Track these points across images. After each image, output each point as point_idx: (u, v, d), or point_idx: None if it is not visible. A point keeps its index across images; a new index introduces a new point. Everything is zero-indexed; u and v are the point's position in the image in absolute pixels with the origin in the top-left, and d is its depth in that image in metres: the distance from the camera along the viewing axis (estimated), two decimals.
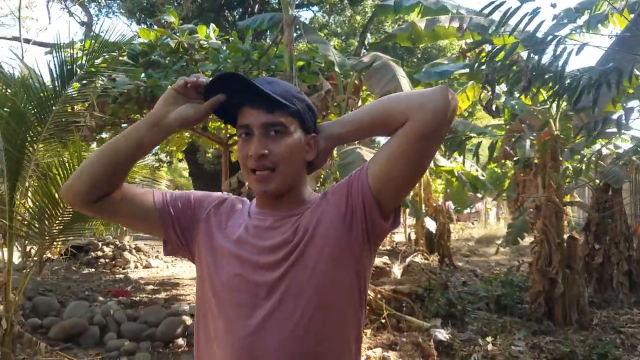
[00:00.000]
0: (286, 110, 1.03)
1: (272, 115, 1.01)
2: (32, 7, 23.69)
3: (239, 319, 1.01)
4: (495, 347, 4.26)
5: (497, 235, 14.04)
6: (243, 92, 1.02)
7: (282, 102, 1.01)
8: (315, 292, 1.00)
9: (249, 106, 1.03)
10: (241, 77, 1.03)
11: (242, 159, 1.04)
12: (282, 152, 1.02)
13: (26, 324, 4.81)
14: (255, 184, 1.03)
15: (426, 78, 5.98)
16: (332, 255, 1.01)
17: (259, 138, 1.01)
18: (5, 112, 3.93)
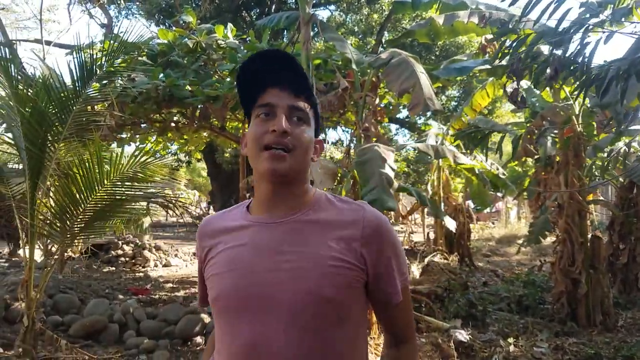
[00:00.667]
0: (309, 100, 1.03)
1: (298, 99, 1.01)
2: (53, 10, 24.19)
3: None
4: (517, 349, 4.18)
5: (518, 234, 13.83)
6: (275, 72, 1.00)
7: (312, 92, 1.02)
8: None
9: (275, 87, 1.01)
10: (279, 52, 1.03)
11: (257, 137, 0.99)
12: (301, 138, 1.00)
13: (47, 321, 4.88)
14: (268, 161, 0.97)
15: (445, 74, 5.91)
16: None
17: (285, 118, 0.99)
18: (26, 112, 3.97)
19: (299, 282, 0.95)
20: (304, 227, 1.00)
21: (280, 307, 0.94)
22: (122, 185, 4.39)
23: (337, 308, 0.96)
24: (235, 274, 0.99)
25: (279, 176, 0.99)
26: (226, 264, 1.01)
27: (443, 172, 10.53)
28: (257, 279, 0.96)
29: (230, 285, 0.99)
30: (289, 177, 1.01)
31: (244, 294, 0.97)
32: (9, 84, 3.94)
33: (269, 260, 0.97)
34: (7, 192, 4.19)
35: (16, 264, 8.87)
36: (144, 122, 7.32)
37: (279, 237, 0.99)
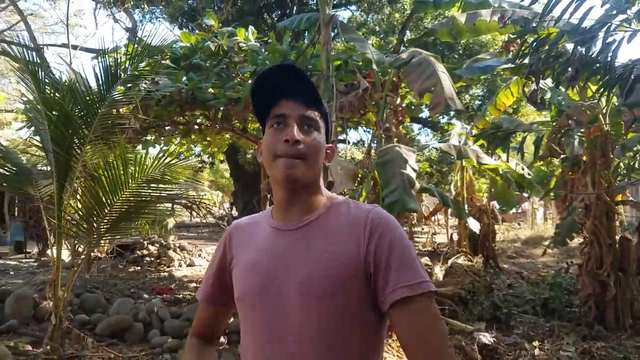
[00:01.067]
0: (319, 110, 1.08)
1: (310, 109, 1.06)
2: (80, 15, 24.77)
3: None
4: (542, 352, 4.09)
5: (545, 236, 13.57)
6: (286, 85, 1.05)
7: (321, 102, 1.06)
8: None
9: (287, 99, 1.06)
10: (291, 67, 1.07)
11: (272, 146, 1.04)
12: (314, 145, 1.04)
13: (75, 319, 5.00)
14: (282, 169, 1.02)
15: (468, 74, 5.84)
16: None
17: (297, 127, 1.03)
18: (53, 116, 4.06)
19: (302, 286, 0.99)
20: (314, 233, 1.04)
21: (291, 309, 1.00)
22: (148, 186, 4.46)
23: (341, 307, 0.98)
24: (255, 277, 1.06)
25: (292, 182, 1.03)
26: (249, 267, 1.08)
27: (467, 173, 10.41)
28: (271, 283, 1.03)
29: (250, 288, 1.06)
30: (303, 183, 1.05)
31: (261, 296, 1.03)
32: (36, 88, 4.03)
33: (282, 266, 1.03)
34: (35, 193, 4.30)
35: (45, 263, 9.11)
36: (168, 124, 7.43)
37: (291, 243, 1.04)
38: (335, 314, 0.97)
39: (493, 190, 10.63)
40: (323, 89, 5.12)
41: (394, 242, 0.99)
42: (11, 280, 7.58)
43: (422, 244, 13.69)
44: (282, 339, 0.99)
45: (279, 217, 1.10)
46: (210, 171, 21.94)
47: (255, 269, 1.06)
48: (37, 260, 10.26)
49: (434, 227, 18.86)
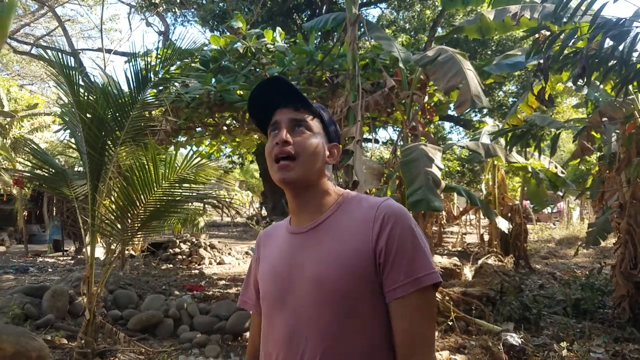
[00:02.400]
0: (310, 111, 1.13)
1: (298, 112, 1.12)
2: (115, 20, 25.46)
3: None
4: (571, 353, 3.99)
5: (580, 236, 13.18)
6: (277, 95, 1.12)
7: (307, 102, 1.12)
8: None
9: (280, 107, 1.13)
10: (281, 78, 1.12)
11: (268, 152, 1.12)
12: (305, 144, 1.09)
13: (108, 315, 5.17)
14: (277, 172, 1.09)
15: (497, 70, 5.75)
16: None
17: (286, 130, 1.10)
18: (87, 118, 4.21)
19: (314, 284, 1.04)
20: (326, 233, 1.08)
21: (301, 306, 1.05)
22: (179, 186, 4.59)
23: (353, 303, 1.01)
24: (273, 280, 1.13)
25: (289, 183, 1.09)
26: (269, 270, 1.16)
27: (499, 172, 10.22)
28: (288, 285, 1.08)
29: (269, 289, 1.13)
30: (300, 183, 1.10)
31: (279, 297, 1.10)
32: (71, 91, 4.19)
33: (297, 267, 1.08)
34: (70, 194, 4.47)
35: (81, 261, 9.44)
36: (198, 126, 7.59)
37: (304, 244, 1.10)
38: (348, 310, 1.00)
39: (526, 189, 10.40)
40: (349, 88, 5.14)
41: (401, 235, 1.01)
42: (49, 277, 7.90)
43: (452, 244, 13.50)
44: (297, 335, 1.04)
45: (294, 221, 1.16)
46: (240, 171, 22.22)
47: (274, 272, 1.13)
48: (73, 258, 10.63)
49: (465, 227, 18.58)
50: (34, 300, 5.28)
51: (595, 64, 3.04)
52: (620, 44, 2.87)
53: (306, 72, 6.00)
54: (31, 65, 18.92)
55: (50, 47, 8.42)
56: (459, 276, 7.29)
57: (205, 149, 8.74)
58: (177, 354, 4.47)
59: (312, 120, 1.13)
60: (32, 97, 16.91)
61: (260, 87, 1.13)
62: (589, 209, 17.72)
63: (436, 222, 13.62)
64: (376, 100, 5.27)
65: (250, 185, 28.43)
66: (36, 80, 20.29)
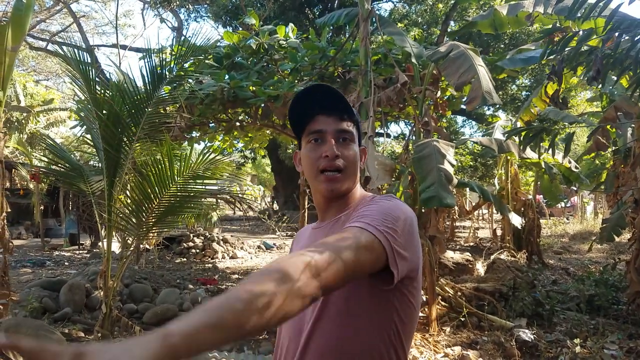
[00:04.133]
0: (352, 120, 1.14)
1: (344, 123, 1.13)
2: (129, 15, 25.63)
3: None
4: (585, 350, 3.99)
5: (594, 231, 13.07)
6: (319, 102, 1.12)
7: (353, 112, 1.13)
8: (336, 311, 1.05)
9: (322, 114, 1.13)
10: (325, 87, 1.13)
11: (313, 161, 1.13)
12: (351, 157, 1.12)
13: (124, 308, 5.27)
14: (325, 184, 1.11)
15: (511, 65, 5.70)
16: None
17: (334, 142, 1.11)
18: (103, 115, 4.27)
19: None
20: (336, 228, 1.12)
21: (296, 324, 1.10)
22: (194, 182, 4.65)
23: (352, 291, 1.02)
24: None
25: (336, 194, 1.13)
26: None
27: (512, 166, 10.15)
28: None
29: None
30: (345, 193, 1.15)
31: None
32: (87, 88, 4.25)
33: None
34: (87, 189, 4.55)
35: (97, 255, 9.59)
36: (212, 122, 7.65)
37: (319, 239, 1.11)
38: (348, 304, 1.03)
39: (539, 184, 10.33)
40: (361, 84, 5.15)
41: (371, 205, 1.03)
42: (66, 271, 8.04)
43: (464, 239, 13.46)
44: (304, 326, 1.08)
45: (320, 218, 1.22)
46: (252, 166, 22.31)
47: None
48: (89, 252, 10.80)
49: (478, 222, 18.49)
50: (51, 293, 5.40)
51: (610, 64, 3.02)
52: (637, 44, 2.84)
53: (318, 67, 6.02)
54: (47, 61, 19.15)
55: (65, 43, 8.52)
56: (472, 271, 7.30)
57: (219, 144, 8.81)
58: None
59: (353, 127, 1.15)
60: (47, 93, 17.13)
61: (306, 91, 1.13)
62: (603, 203, 17.52)
63: (448, 217, 13.59)
64: (388, 96, 5.27)
65: (262, 179, 28.53)
66: (52, 76, 20.55)
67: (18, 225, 14.18)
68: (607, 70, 3.16)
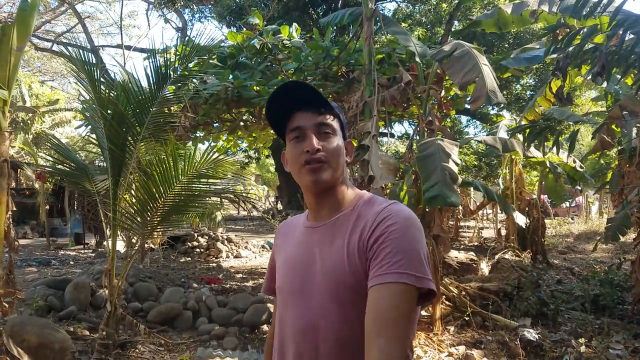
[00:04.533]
0: (332, 113, 1.14)
1: (323, 116, 1.12)
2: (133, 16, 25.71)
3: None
4: (590, 350, 3.98)
5: (599, 231, 13.01)
6: (295, 99, 1.12)
7: (330, 105, 1.13)
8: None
9: (301, 111, 1.13)
10: (300, 84, 1.12)
11: (295, 158, 1.13)
12: (332, 149, 1.11)
13: (128, 307, 5.28)
14: (308, 175, 1.10)
15: (515, 64, 5.69)
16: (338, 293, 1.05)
17: (314, 136, 1.10)
18: (108, 115, 4.29)
19: (325, 277, 1.08)
20: (336, 229, 1.12)
21: (314, 297, 1.09)
22: (198, 181, 4.66)
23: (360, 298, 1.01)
24: (289, 270, 1.18)
25: (320, 184, 1.12)
26: (285, 261, 1.21)
27: (516, 166, 10.12)
28: (301, 275, 1.13)
29: (285, 279, 1.18)
30: (329, 185, 1.13)
31: (292, 286, 1.15)
32: (92, 88, 4.26)
33: (310, 259, 1.13)
34: (92, 188, 4.57)
35: (102, 254, 9.63)
36: (216, 121, 7.67)
37: (317, 239, 1.14)
38: (357, 307, 1.01)
39: (544, 184, 10.29)
40: (365, 83, 5.15)
41: (397, 232, 1.00)
42: (71, 270, 8.08)
43: (469, 239, 13.42)
44: (311, 328, 1.08)
45: (312, 217, 1.20)
46: (256, 166, 22.33)
47: (291, 262, 1.18)
48: (94, 251, 10.84)
49: (482, 222, 18.44)
50: (56, 292, 5.42)
51: (615, 60, 3.01)
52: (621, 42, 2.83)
53: (322, 67, 6.02)
54: (52, 62, 19.24)
55: (70, 44, 8.56)
56: (476, 271, 7.28)
57: (223, 144, 8.83)
58: (196, 346, 4.56)
59: (333, 120, 1.14)
60: (53, 93, 17.20)
61: (279, 91, 1.13)
62: (608, 203, 17.43)
63: (452, 217, 13.56)
64: (392, 95, 5.27)
65: (266, 179, 28.57)
66: (57, 77, 20.64)
67: (24, 225, 14.25)
68: (612, 67, 3.14)
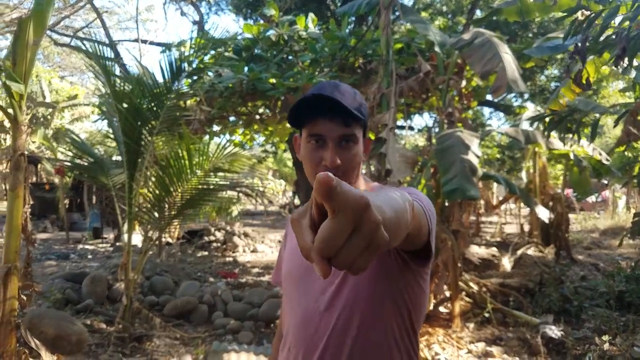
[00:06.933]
0: (359, 123, 1.07)
1: (349, 128, 1.04)
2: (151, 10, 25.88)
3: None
4: (613, 347, 3.82)
5: (626, 226, 12.64)
6: (323, 105, 1.03)
7: (359, 117, 1.03)
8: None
9: (325, 118, 1.04)
10: (324, 96, 1.02)
11: (312, 163, 1.07)
12: (351, 160, 1.06)
13: (145, 301, 5.29)
14: None
15: (538, 54, 5.50)
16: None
17: (334, 149, 1.04)
18: (123, 108, 4.27)
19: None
20: None
21: (318, 292, 1.10)
22: (213, 175, 4.63)
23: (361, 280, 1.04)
24: (293, 259, 1.19)
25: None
26: (290, 250, 1.23)
27: (540, 159, 9.87)
28: (306, 268, 1.13)
29: (289, 268, 1.20)
30: None
31: (295, 274, 1.17)
32: (108, 82, 4.25)
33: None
34: (108, 182, 4.57)
35: (120, 248, 9.70)
36: (232, 115, 7.62)
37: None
38: (356, 286, 1.04)
39: (568, 177, 10.02)
40: (382, 74, 5.03)
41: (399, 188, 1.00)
42: (89, 264, 8.15)
43: (491, 234, 13.19)
44: (311, 317, 1.09)
45: None
46: (273, 160, 22.32)
47: (296, 251, 1.18)
48: (112, 245, 10.95)
49: (505, 217, 18.13)
50: (74, 285, 5.46)
51: (639, 44, 2.84)
52: None
53: (339, 58, 5.91)
54: (71, 57, 19.45)
55: (88, 39, 8.60)
56: (497, 267, 7.12)
57: (239, 138, 8.79)
58: (211, 340, 4.53)
59: (358, 129, 1.08)
60: (72, 88, 17.43)
61: (308, 97, 1.03)
62: (636, 197, 16.99)
63: (474, 212, 13.33)
64: (410, 86, 5.14)
65: (283, 174, 28.55)
66: (76, 72, 20.88)
67: (44, 219, 14.47)
68: (636, 51, 2.97)
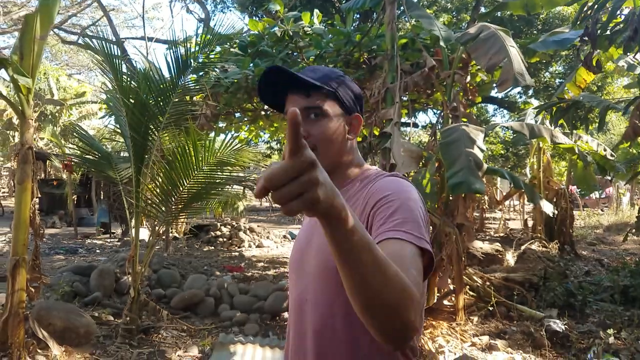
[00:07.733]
0: (322, 93, 1.06)
1: (310, 99, 1.05)
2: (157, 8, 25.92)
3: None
4: (618, 341, 3.85)
5: (630, 222, 12.62)
6: (285, 82, 1.06)
7: (316, 85, 1.03)
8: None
9: (291, 94, 1.07)
10: (281, 69, 1.04)
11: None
12: (321, 133, 1.05)
13: (152, 293, 5.35)
14: None
15: (543, 48, 5.51)
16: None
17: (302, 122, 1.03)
18: (130, 103, 4.32)
19: (317, 253, 1.07)
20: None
21: (308, 273, 1.10)
22: (219, 169, 4.68)
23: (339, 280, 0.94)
24: (295, 250, 1.21)
25: None
26: (295, 240, 1.26)
27: (544, 155, 9.86)
28: (301, 252, 1.16)
29: (291, 257, 1.22)
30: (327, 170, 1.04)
31: (295, 263, 1.18)
32: (115, 77, 4.30)
33: (310, 237, 1.14)
34: (115, 176, 4.62)
35: (127, 242, 9.79)
36: (237, 111, 7.66)
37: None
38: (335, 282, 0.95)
39: (572, 174, 10.01)
40: (387, 69, 5.05)
41: (395, 199, 0.96)
42: (97, 258, 8.24)
43: (495, 230, 13.20)
44: (304, 303, 1.09)
45: None
46: (278, 157, 22.37)
47: (298, 241, 1.22)
48: (120, 240, 11.04)
49: (509, 213, 18.12)
50: (82, 278, 5.53)
51: None
52: None
53: (343, 54, 5.93)
54: (79, 55, 19.59)
55: (95, 36, 8.66)
56: (501, 262, 7.14)
57: (245, 134, 8.84)
58: (218, 332, 4.59)
59: (326, 100, 1.06)
60: (80, 86, 17.53)
61: (263, 79, 1.07)
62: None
63: (478, 207, 13.33)
64: (415, 81, 5.16)
65: None
66: (84, 70, 21.03)
67: (52, 215, 14.59)
68: None
